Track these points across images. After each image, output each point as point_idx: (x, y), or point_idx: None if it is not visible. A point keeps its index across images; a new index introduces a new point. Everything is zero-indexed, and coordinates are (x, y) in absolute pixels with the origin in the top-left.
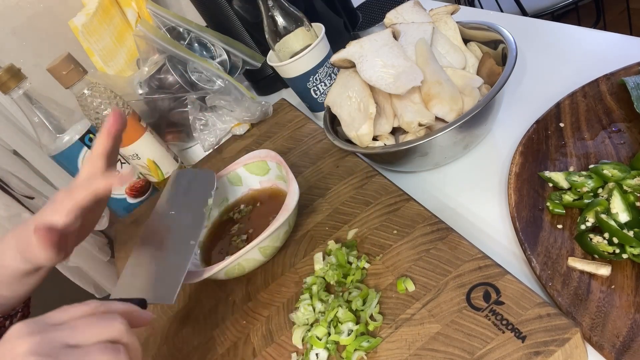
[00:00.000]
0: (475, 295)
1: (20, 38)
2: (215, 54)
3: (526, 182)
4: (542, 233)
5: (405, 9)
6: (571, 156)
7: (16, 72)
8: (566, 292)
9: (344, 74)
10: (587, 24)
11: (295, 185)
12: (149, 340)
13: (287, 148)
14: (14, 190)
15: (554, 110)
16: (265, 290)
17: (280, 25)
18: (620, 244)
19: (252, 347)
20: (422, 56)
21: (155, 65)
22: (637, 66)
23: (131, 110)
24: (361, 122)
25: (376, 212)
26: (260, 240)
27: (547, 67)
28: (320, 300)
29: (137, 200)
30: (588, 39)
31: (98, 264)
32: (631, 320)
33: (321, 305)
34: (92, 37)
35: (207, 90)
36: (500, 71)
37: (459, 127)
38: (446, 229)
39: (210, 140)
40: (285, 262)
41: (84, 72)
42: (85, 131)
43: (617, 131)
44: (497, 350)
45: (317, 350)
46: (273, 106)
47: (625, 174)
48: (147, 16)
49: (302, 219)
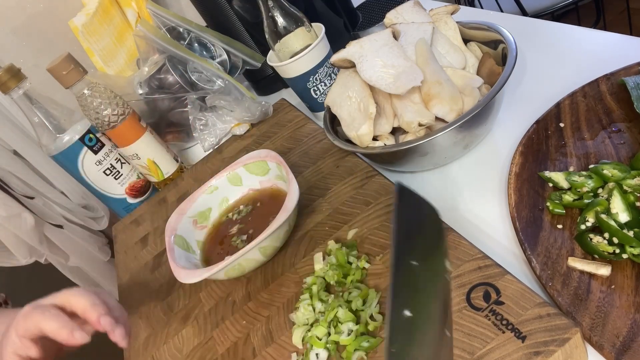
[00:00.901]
0: (475, 295)
1: (20, 38)
2: (215, 54)
3: (526, 182)
4: (542, 233)
5: (405, 9)
6: (571, 156)
7: (16, 72)
8: (566, 292)
9: (344, 74)
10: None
11: (295, 186)
12: (149, 340)
13: (287, 148)
14: (14, 190)
15: (554, 110)
16: (265, 290)
17: (280, 25)
18: (620, 244)
19: (252, 347)
20: (422, 56)
21: (155, 65)
22: (637, 66)
23: (131, 110)
24: (361, 122)
25: (376, 212)
26: (260, 240)
27: (547, 67)
28: (320, 300)
29: (137, 200)
30: (588, 39)
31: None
32: (631, 320)
33: (321, 305)
34: (92, 37)
35: (207, 90)
36: (500, 71)
37: (459, 127)
38: (446, 229)
39: (210, 140)
40: (285, 262)
41: (84, 72)
42: (85, 131)
43: (617, 131)
44: (497, 350)
45: (317, 350)
46: (273, 106)
47: (625, 174)
48: (147, 16)
49: (302, 219)
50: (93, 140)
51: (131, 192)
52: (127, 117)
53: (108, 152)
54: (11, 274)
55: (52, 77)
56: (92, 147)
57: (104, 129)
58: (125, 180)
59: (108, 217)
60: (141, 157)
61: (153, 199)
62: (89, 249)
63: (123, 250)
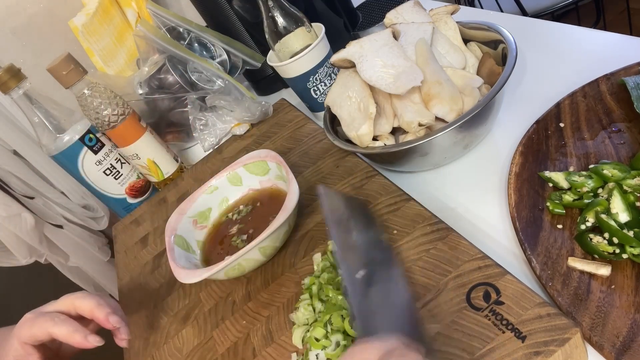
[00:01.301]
0: (475, 295)
1: (20, 38)
2: (215, 54)
3: (526, 182)
4: (542, 233)
5: (405, 9)
6: (571, 156)
7: (16, 72)
8: (566, 292)
9: (344, 74)
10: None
11: (295, 186)
12: (149, 340)
13: (287, 148)
14: (14, 190)
15: (554, 110)
16: (265, 290)
17: (280, 25)
18: (620, 244)
19: (252, 347)
20: (422, 56)
21: (155, 65)
22: (637, 66)
23: (131, 110)
24: (361, 122)
25: (376, 212)
26: (260, 240)
27: (547, 67)
28: (320, 300)
29: (137, 200)
30: (588, 39)
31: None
32: (631, 320)
33: (321, 305)
34: (92, 37)
35: (207, 90)
36: (500, 71)
37: (459, 127)
38: (446, 229)
39: (210, 140)
40: (285, 262)
41: (84, 72)
42: (85, 131)
43: (617, 131)
44: (497, 350)
45: (316, 351)
46: (273, 106)
47: (625, 174)
48: (147, 16)
49: (302, 219)
50: (93, 140)
51: (131, 192)
52: (127, 117)
53: (108, 152)
54: (11, 274)
55: (52, 77)
56: (92, 147)
57: (104, 129)
58: (125, 180)
59: (108, 217)
60: (141, 157)
61: (153, 199)
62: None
63: (123, 250)
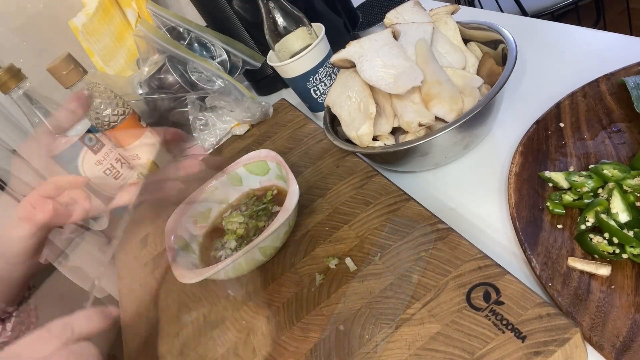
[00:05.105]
0: (475, 295)
1: (20, 38)
2: (215, 54)
3: (526, 182)
4: (542, 233)
5: (405, 9)
6: (571, 156)
7: (16, 72)
8: (566, 292)
9: (344, 74)
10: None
11: (295, 186)
12: (149, 340)
13: (287, 148)
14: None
15: (554, 110)
16: (265, 290)
17: (280, 25)
18: (620, 244)
19: (252, 347)
20: (422, 56)
21: (155, 65)
22: (637, 66)
23: (131, 110)
24: (361, 122)
25: (376, 212)
26: (260, 240)
27: (547, 67)
28: None
29: None
30: (588, 39)
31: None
32: (631, 320)
33: None
34: (92, 37)
35: (207, 90)
36: (500, 71)
37: (459, 127)
38: (446, 229)
39: (210, 140)
40: (285, 262)
41: (84, 72)
42: (85, 131)
43: (617, 131)
44: (497, 350)
45: None
46: (273, 106)
47: (625, 174)
48: (147, 16)
49: (302, 219)
50: (93, 140)
51: None
52: (127, 117)
53: (108, 152)
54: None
55: (52, 77)
56: (92, 147)
57: (104, 129)
58: (125, 180)
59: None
60: (141, 157)
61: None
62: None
63: (123, 251)
